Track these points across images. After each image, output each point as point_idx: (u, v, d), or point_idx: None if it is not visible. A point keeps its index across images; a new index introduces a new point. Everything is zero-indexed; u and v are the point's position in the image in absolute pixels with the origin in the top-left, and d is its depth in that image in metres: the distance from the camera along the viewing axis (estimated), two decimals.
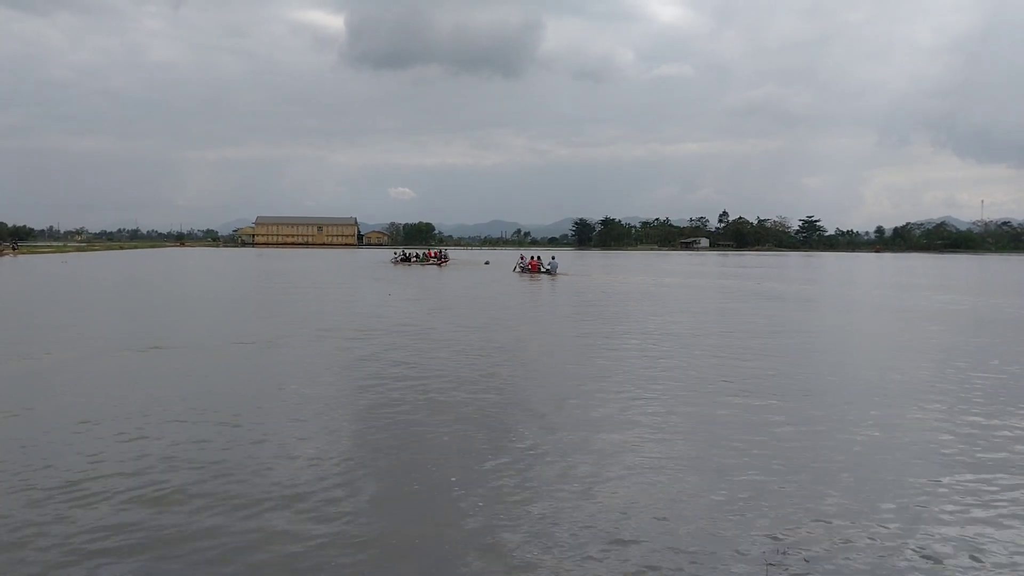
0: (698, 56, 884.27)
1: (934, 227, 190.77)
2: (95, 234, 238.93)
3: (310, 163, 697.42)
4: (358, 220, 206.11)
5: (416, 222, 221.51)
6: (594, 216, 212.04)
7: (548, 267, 43.66)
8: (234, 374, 12.15)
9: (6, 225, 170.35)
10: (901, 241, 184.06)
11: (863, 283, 43.64)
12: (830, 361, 14.30)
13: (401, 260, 63.44)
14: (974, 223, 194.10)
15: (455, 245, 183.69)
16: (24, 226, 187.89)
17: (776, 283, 39.93)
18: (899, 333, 18.87)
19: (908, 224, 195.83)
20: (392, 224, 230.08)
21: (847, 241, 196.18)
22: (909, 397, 10.49)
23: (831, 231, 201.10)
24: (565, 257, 59.07)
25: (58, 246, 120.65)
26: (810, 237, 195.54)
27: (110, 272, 47.32)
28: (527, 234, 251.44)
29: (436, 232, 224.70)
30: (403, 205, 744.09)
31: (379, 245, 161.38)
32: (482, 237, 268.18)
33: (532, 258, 46.72)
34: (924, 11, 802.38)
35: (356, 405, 9.72)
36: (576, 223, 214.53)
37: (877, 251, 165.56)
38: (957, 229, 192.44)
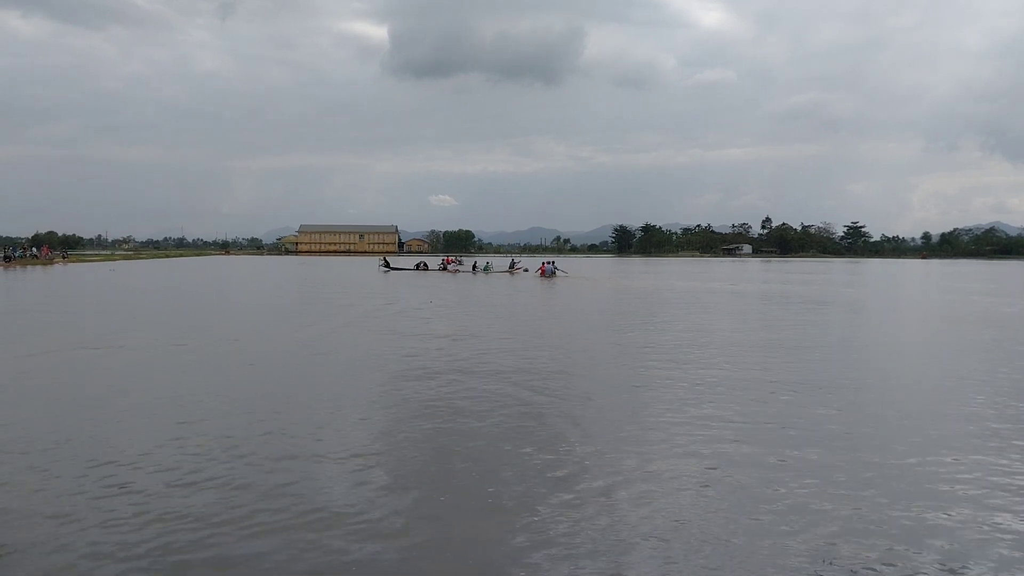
0: (741, 62, 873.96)
1: (983, 233, 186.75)
2: (142, 242, 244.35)
3: (353, 172, 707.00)
4: (399, 228, 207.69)
5: (456, 229, 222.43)
6: (635, 223, 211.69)
7: (549, 271, 50.11)
8: (285, 374, 12.32)
9: (56, 234, 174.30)
10: (948, 247, 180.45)
11: (922, 289, 42.79)
12: (891, 369, 14.05)
13: (384, 267, 61.18)
14: None
15: (495, 252, 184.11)
16: (73, 235, 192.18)
17: (825, 288, 39.36)
18: (961, 339, 18.47)
19: (956, 230, 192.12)
20: (432, 232, 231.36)
21: (893, 247, 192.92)
22: (971, 409, 10.25)
23: (877, 237, 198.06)
24: (605, 263, 60.69)
25: (106, 254, 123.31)
26: (855, 243, 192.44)
27: (162, 279, 48.25)
28: (567, 241, 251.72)
29: (476, 239, 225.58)
30: (444, 212, 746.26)
31: (419, 252, 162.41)
32: (522, 244, 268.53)
33: (542, 264, 53.38)
34: (972, 15, 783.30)
35: (391, 403, 9.77)
36: (616, 230, 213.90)
37: (924, 257, 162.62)
38: (1007, 235, 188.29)
